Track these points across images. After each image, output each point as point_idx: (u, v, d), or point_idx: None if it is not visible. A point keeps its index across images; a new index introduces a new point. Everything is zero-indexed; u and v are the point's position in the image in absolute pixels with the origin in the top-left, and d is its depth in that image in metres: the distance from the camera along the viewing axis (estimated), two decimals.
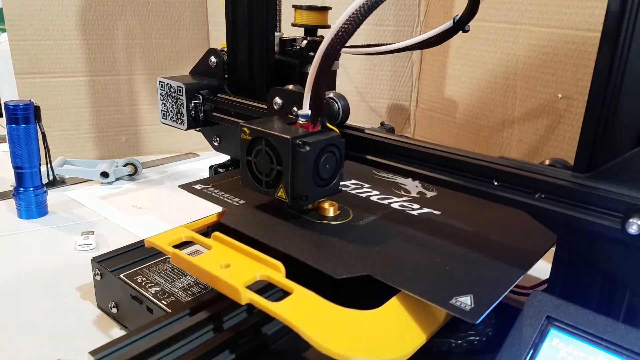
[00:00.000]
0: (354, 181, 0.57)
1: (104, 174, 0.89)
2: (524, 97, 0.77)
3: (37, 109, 0.73)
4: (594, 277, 0.38)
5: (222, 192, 0.53)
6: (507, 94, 0.80)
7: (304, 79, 0.64)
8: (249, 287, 0.37)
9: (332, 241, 0.43)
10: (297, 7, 0.65)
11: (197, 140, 1.06)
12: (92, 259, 0.53)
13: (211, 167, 0.67)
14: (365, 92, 1.02)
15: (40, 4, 0.90)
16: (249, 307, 0.43)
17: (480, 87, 0.84)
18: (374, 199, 0.53)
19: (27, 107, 0.72)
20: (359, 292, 0.41)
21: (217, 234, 0.44)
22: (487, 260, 0.41)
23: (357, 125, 0.49)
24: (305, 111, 0.45)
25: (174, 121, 0.64)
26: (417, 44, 0.52)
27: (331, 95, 0.48)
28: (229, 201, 0.51)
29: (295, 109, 0.48)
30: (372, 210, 0.50)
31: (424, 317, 0.36)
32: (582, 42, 0.68)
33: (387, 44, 0.56)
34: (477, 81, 0.84)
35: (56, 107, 0.96)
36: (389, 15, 0.97)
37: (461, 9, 0.48)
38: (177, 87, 0.62)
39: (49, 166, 0.86)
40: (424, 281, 0.38)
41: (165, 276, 0.51)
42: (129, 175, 0.92)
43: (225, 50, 0.64)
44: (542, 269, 0.46)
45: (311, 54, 0.65)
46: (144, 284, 0.50)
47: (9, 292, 0.58)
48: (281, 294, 0.42)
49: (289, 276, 0.39)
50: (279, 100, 0.50)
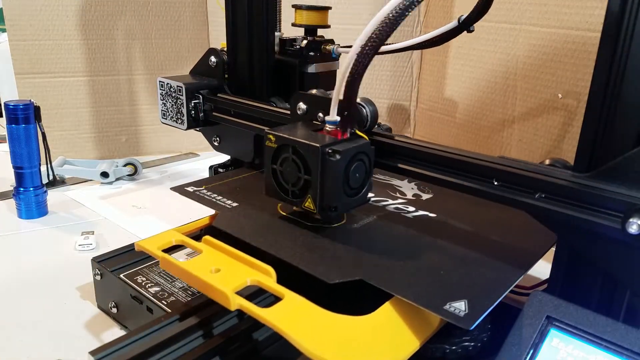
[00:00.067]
0: None
1: (104, 174, 0.89)
2: (524, 97, 0.77)
3: (37, 109, 0.73)
4: (594, 277, 0.38)
5: (215, 195, 0.52)
6: (507, 94, 0.80)
7: (304, 79, 0.65)
8: (239, 293, 0.36)
9: (325, 245, 0.43)
10: (297, 7, 0.65)
11: (197, 140, 1.06)
12: (92, 259, 0.53)
13: (211, 167, 0.67)
14: (365, 92, 1.02)
15: (40, 4, 0.90)
16: (240, 313, 0.42)
17: (480, 87, 0.84)
18: None
19: (27, 107, 0.72)
20: (352, 297, 0.40)
21: (207, 237, 0.42)
22: (485, 261, 0.41)
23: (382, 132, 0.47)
24: (333, 117, 0.43)
25: (174, 121, 0.64)
26: (420, 43, 0.52)
27: (359, 100, 0.45)
28: (222, 204, 0.50)
29: (321, 114, 0.47)
30: (366, 212, 0.49)
31: (417, 323, 0.36)
32: (582, 42, 0.68)
33: (388, 44, 0.56)
34: (477, 81, 0.84)
35: (56, 107, 0.96)
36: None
37: (461, 9, 0.48)
38: (177, 87, 0.62)
39: (49, 166, 0.86)
40: (418, 286, 0.37)
41: (165, 276, 0.51)
42: (129, 175, 0.92)
43: (225, 50, 0.64)
44: (542, 269, 0.46)
45: (311, 53, 0.65)
46: (144, 284, 0.50)
47: (9, 292, 0.58)
48: (272, 300, 0.41)
49: (281, 280, 0.38)
50: (303, 105, 0.48)
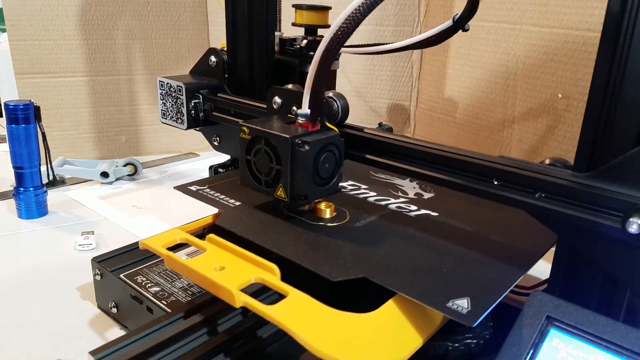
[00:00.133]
0: (351, 182, 0.57)
1: (104, 174, 0.89)
2: (524, 97, 0.77)
3: (37, 109, 0.73)
4: (594, 277, 0.38)
5: (218, 194, 0.53)
6: (507, 94, 0.80)
7: (304, 79, 0.65)
8: (244, 290, 0.36)
9: (328, 243, 0.43)
10: (297, 7, 0.65)
11: (197, 140, 1.06)
12: (92, 259, 0.53)
13: (211, 167, 0.67)
14: (365, 92, 1.02)
15: (40, 4, 0.90)
16: (244, 310, 0.42)
17: (480, 87, 0.84)
18: (371, 200, 0.53)
19: (27, 107, 0.72)
20: (355, 295, 0.40)
21: (211, 236, 0.43)
22: (486, 261, 0.41)
23: (356, 124, 0.49)
24: (304, 110, 0.44)
25: (174, 121, 0.64)
26: (417, 43, 0.52)
27: (330, 94, 0.48)
28: (225, 203, 0.51)
29: (294, 108, 0.48)
30: (369, 211, 0.49)
31: (420, 320, 0.36)
32: (582, 42, 0.68)
33: (386, 44, 0.56)
34: (477, 81, 0.84)
35: (56, 107, 0.96)
36: (389, 15, 0.97)
37: (461, 9, 0.49)
38: (177, 86, 0.62)
39: (49, 166, 0.86)
40: (420, 284, 0.37)
41: (165, 276, 0.51)
42: (129, 175, 0.92)
43: (225, 49, 0.64)
44: (542, 269, 0.46)
45: (311, 53, 0.65)
46: (144, 284, 0.50)
47: (9, 292, 0.58)
48: (276, 297, 0.41)
49: (284, 278, 0.38)
50: (278, 99, 0.50)
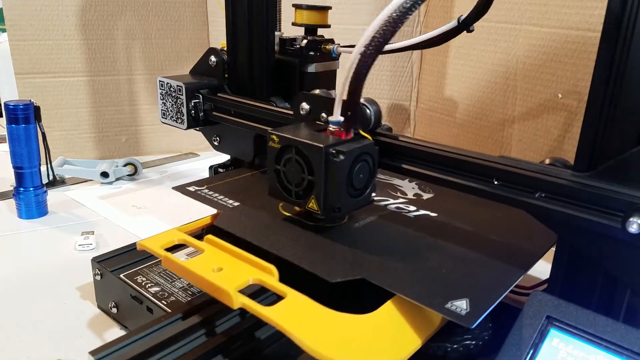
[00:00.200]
0: None
1: (104, 174, 0.89)
2: (524, 97, 0.77)
3: (37, 109, 0.73)
4: (594, 277, 0.38)
5: (217, 194, 0.52)
6: (507, 94, 0.80)
7: (304, 79, 0.65)
8: (242, 291, 0.36)
9: (327, 244, 0.43)
10: (297, 7, 0.65)
11: (197, 140, 1.06)
12: (92, 259, 0.53)
13: (211, 167, 0.67)
14: (365, 92, 1.02)
15: (40, 4, 0.90)
16: (243, 311, 0.42)
17: (480, 87, 0.84)
18: None
19: (27, 107, 0.72)
20: (353, 296, 0.40)
21: (209, 236, 0.43)
22: (486, 261, 0.41)
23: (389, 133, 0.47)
24: (336, 118, 0.43)
25: (174, 120, 0.64)
26: (420, 43, 0.52)
27: (362, 100, 0.45)
28: (223, 203, 0.50)
29: (324, 114, 0.46)
30: (367, 212, 0.49)
31: (419, 322, 0.36)
32: (582, 42, 0.68)
33: (389, 43, 0.56)
34: (477, 81, 0.84)
35: (56, 107, 0.96)
36: None
37: (461, 9, 0.48)
38: (177, 86, 0.62)
39: (49, 166, 0.86)
40: (419, 285, 0.37)
41: (165, 276, 0.51)
42: (129, 175, 0.92)
43: (225, 49, 0.64)
44: (542, 269, 0.46)
45: (311, 53, 0.65)
46: (144, 284, 0.50)
47: (9, 292, 0.58)
48: (274, 298, 0.41)
49: (283, 279, 0.38)
50: (306, 105, 0.48)
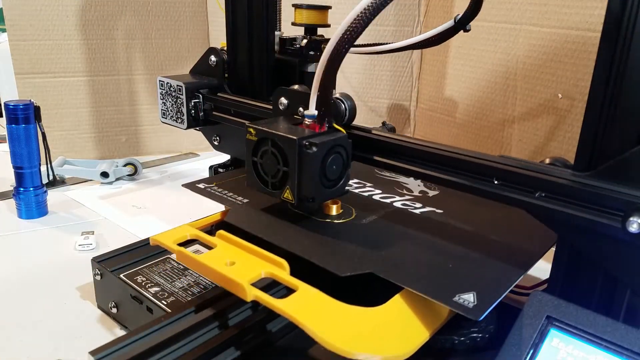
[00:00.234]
0: (356, 180, 0.57)
1: (104, 174, 0.89)
2: (524, 97, 0.77)
3: (37, 109, 0.73)
4: (594, 277, 0.38)
5: (226, 191, 0.53)
6: (507, 94, 0.80)
7: (304, 78, 0.65)
8: (254, 285, 0.37)
9: (335, 239, 0.44)
10: (297, 6, 0.65)
11: (197, 140, 1.06)
12: (92, 259, 0.53)
13: (211, 167, 0.67)
14: (365, 92, 1.02)
15: (40, 4, 0.90)
16: (253, 305, 0.43)
17: (480, 87, 0.84)
18: (376, 198, 0.53)
19: (27, 107, 0.72)
20: (362, 290, 0.41)
21: (221, 232, 0.44)
22: (489, 259, 0.41)
23: (361, 125, 0.49)
24: (311, 111, 0.44)
25: (174, 120, 0.64)
26: (418, 43, 0.52)
27: (337, 95, 0.47)
28: (233, 200, 0.51)
29: (301, 109, 0.48)
30: (374, 209, 0.50)
31: (427, 314, 0.36)
32: (582, 42, 0.68)
33: (386, 43, 0.56)
34: (477, 81, 0.84)
35: (56, 107, 0.96)
36: (389, 15, 0.97)
37: (461, 9, 0.48)
38: (177, 86, 0.62)
39: (49, 166, 0.86)
40: (427, 279, 0.38)
41: (165, 276, 0.51)
42: (129, 175, 0.92)
43: (225, 49, 0.64)
44: (542, 269, 0.46)
45: (311, 52, 0.65)
46: (144, 284, 0.50)
47: (9, 292, 0.58)
48: (285, 292, 0.42)
49: (293, 274, 0.39)
50: (284, 100, 0.50)
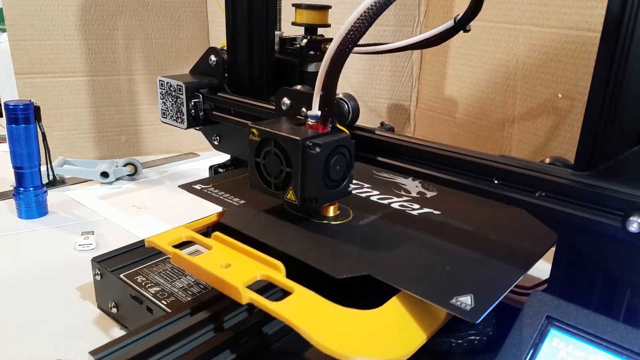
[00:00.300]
0: (354, 181, 0.57)
1: (104, 174, 0.89)
2: (524, 97, 0.77)
3: (37, 109, 0.73)
4: (594, 277, 0.38)
5: (222, 192, 0.53)
6: (507, 94, 0.80)
7: (304, 78, 0.65)
8: (250, 287, 0.37)
9: (332, 241, 0.43)
10: (297, 6, 0.65)
11: (197, 140, 1.06)
12: (92, 259, 0.53)
13: (211, 167, 0.67)
14: (364, 92, 1.02)
15: (40, 4, 0.90)
16: (250, 307, 0.43)
17: (480, 87, 0.84)
18: (374, 199, 0.53)
19: (27, 107, 0.72)
20: (359, 292, 0.40)
21: (217, 234, 0.43)
22: (488, 260, 0.41)
23: (365, 126, 0.48)
24: (314, 112, 0.44)
25: (174, 120, 0.64)
26: (417, 43, 0.52)
27: (341, 95, 0.47)
28: (229, 201, 0.51)
29: (304, 109, 0.47)
30: (372, 210, 0.50)
31: (424, 317, 0.36)
32: (582, 42, 0.68)
33: (386, 43, 0.56)
34: (477, 81, 0.84)
35: (56, 107, 0.96)
36: (389, 15, 0.97)
37: (461, 9, 0.48)
38: (177, 85, 0.62)
39: (49, 166, 0.86)
40: (424, 281, 0.38)
41: (165, 276, 0.51)
42: (129, 175, 0.92)
43: (225, 49, 0.64)
44: (542, 269, 0.46)
45: (311, 52, 0.65)
46: (144, 284, 0.50)
47: (9, 292, 0.58)
48: (281, 294, 0.42)
49: (289, 276, 0.38)
50: (287, 100, 0.50)
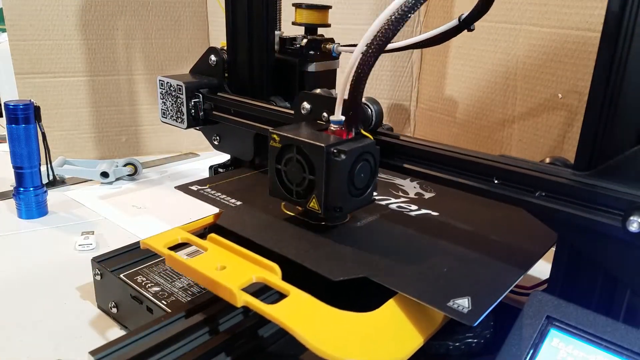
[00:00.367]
0: None
1: (104, 174, 0.89)
2: (524, 97, 0.77)
3: (37, 109, 0.73)
4: (594, 277, 0.38)
5: (219, 193, 0.53)
6: (507, 93, 0.80)
7: (304, 78, 0.65)
8: (245, 290, 0.36)
9: (329, 243, 0.43)
10: (297, 6, 0.65)
11: (197, 140, 1.06)
12: (92, 259, 0.53)
13: (211, 167, 0.67)
14: (365, 91, 1.02)
15: (40, 4, 0.90)
16: (245, 309, 0.42)
17: (480, 87, 0.84)
18: None
19: (27, 107, 0.72)
20: (356, 295, 0.40)
21: (212, 235, 0.43)
22: (487, 261, 0.41)
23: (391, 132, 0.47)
24: (337, 117, 0.42)
25: (174, 120, 0.64)
26: (419, 42, 0.52)
27: (364, 99, 0.45)
28: (226, 202, 0.51)
29: (325, 114, 0.46)
30: (369, 211, 0.49)
31: (421, 320, 0.36)
32: (582, 42, 0.68)
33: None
34: (477, 81, 0.84)
35: (56, 107, 0.96)
36: None
37: (461, 9, 0.48)
38: (177, 85, 0.62)
39: (49, 166, 0.86)
40: (421, 283, 0.37)
41: (165, 276, 0.51)
42: (129, 175, 0.92)
43: (225, 49, 0.64)
44: (542, 269, 0.46)
45: (311, 52, 0.65)
46: (144, 284, 0.50)
47: (9, 292, 0.57)
48: (277, 297, 0.41)
49: (285, 278, 0.38)
50: (307, 105, 0.48)
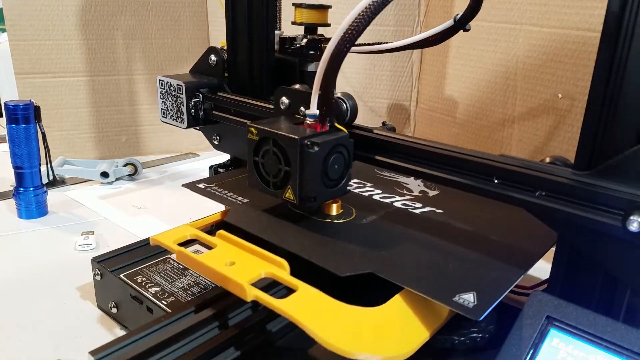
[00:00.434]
0: (356, 180, 0.57)
1: (104, 174, 0.89)
2: (524, 97, 0.77)
3: (37, 109, 0.73)
4: (594, 277, 0.38)
5: (226, 191, 0.53)
6: (507, 93, 0.80)
7: (304, 77, 0.65)
8: (254, 285, 0.37)
9: (335, 239, 0.44)
10: (297, 6, 0.65)
11: (197, 140, 1.06)
12: (92, 259, 0.53)
13: (211, 167, 0.67)
14: (365, 92, 1.02)
15: (40, 4, 0.90)
16: (253, 305, 0.43)
17: (480, 87, 0.84)
18: (376, 197, 0.53)
19: (27, 107, 0.72)
20: (362, 290, 0.41)
21: (221, 232, 0.44)
22: (489, 258, 0.41)
23: (363, 125, 0.48)
24: (313, 111, 0.44)
25: (174, 120, 0.64)
26: (417, 42, 0.52)
27: (339, 94, 0.47)
28: (233, 200, 0.51)
29: (302, 108, 0.48)
30: (374, 209, 0.50)
31: (427, 314, 0.36)
32: (582, 42, 0.68)
33: (386, 43, 0.56)
34: (477, 81, 0.84)
35: (56, 107, 0.96)
36: (389, 15, 0.97)
37: (461, 9, 0.48)
38: (177, 85, 0.62)
39: (49, 166, 0.86)
40: (427, 279, 0.38)
41: (165, 276, 0.51)
42: (129, 175, 0.92)
43: (225, 48, 0.64)
44: (542, 269, 0.46)
45: (311, 52, 0.65)
46: (144, 284, 0.50)
47: (9, 292, 0.58)
48: (285, 292, 0.42)
49: (293, 274, 0.39)
50: (285, 99, 0.50)
